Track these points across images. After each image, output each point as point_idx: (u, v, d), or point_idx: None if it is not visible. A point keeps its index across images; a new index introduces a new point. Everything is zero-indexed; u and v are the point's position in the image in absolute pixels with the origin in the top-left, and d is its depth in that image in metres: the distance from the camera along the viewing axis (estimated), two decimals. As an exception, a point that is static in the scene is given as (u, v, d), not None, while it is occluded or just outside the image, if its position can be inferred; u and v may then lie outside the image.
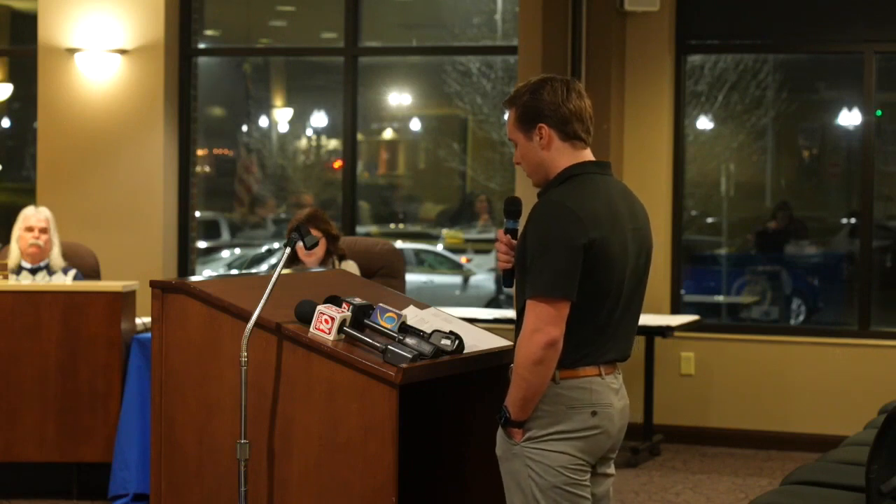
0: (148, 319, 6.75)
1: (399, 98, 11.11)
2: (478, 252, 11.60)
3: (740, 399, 8.65)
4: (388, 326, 3.82)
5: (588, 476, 3.64)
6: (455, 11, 10.34)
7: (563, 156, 3.65)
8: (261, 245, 11.74)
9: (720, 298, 9.55)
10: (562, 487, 3.57)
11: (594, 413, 3.59)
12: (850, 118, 9.15)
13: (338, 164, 10.93)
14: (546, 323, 3.47)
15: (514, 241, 3.75)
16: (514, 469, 3.62)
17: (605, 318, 3.59)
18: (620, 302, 3.61)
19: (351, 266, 6.84)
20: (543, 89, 3.65)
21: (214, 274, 10.78)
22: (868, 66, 8.55)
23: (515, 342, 3.61)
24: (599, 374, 3.60)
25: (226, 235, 11.82)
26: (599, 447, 3.64)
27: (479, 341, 4.01)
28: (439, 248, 11.81)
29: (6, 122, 11.24)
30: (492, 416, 3.74)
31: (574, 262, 3.48)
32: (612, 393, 3.63)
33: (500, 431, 3.65)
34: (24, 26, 10.20)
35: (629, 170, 8.66)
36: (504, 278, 3.78)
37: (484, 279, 11.52)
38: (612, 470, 3.77)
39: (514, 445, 3.60)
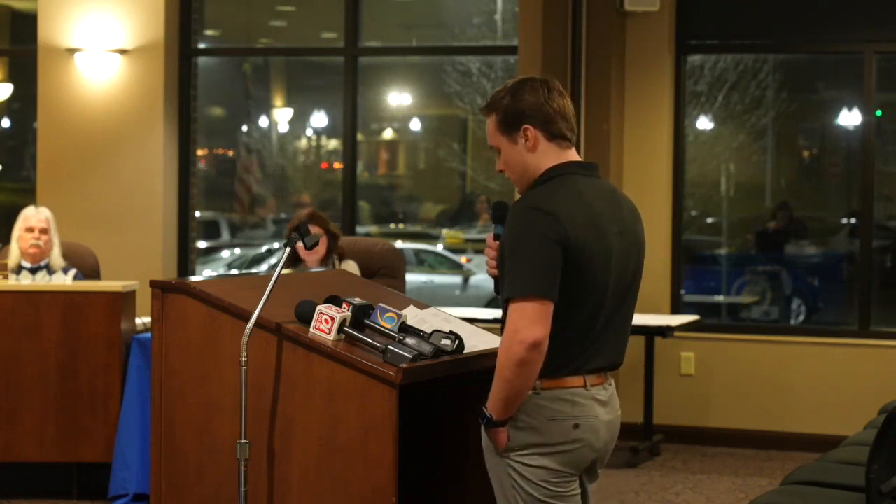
0: (148, 319, 6.75)
1: (399, 98, 11.12)
2: (478, 252, 11.61)
3: (740, 399, 8.65)
4: (388, 326, 3.81)
5: (575, 483, 3.53)
6: (455, 11, 10.35)
7: (549, 157, 3.52)
8: (261, 245, 11.74)
9: (720, 298, 9.55)
10: (545, 500, 3.48)
11: (576, 426, 3.46)
12: (850, 118, 9.15)
13: (324, 164, 10.94)
14: (528, 322, 3.32)
15: None
16: (497, 474, 3.55)
17: (589, 323, 3.45)
18: (606, 307, 3.46)
19: (351, 266, 6.85)
20: (523, 90, 3.52)
21: (214, 274, 10.78)
22: (868, 66, 8.55)
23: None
24: (584, 385, 3.46)
25: (226, 235, 11.82)
26: (582, 459, 3.52)
27: (479, 341, 4.00)
28: (439, 248, 11.82)
29: (6, 122, 11.24)
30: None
31: (550, 259, 3.35)
32: (597, 405, 3.49)
33: (483, 434, 3.56)
34: (24, 26, 10.20)
35: (629, 170, 8.65)
36: (495, 285, 3.65)
37: (484, 279, 11.52)
38: (594, 486, 3.64)
39: (495, 455, 3.52)
